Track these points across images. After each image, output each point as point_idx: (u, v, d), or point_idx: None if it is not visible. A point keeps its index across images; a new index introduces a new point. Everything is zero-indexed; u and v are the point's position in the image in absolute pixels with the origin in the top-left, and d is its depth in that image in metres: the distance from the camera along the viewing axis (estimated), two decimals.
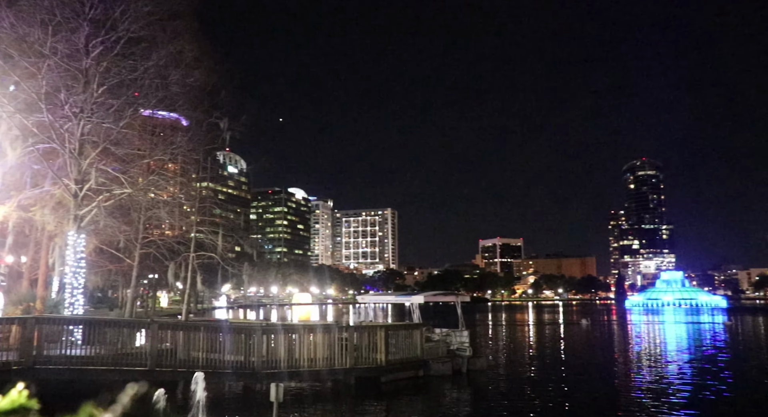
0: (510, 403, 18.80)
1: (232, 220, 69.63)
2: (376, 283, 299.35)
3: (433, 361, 23.57)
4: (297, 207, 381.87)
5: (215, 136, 31.51)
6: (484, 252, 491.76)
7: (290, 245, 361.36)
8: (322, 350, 20.62)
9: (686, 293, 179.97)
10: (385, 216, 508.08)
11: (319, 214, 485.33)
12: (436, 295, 30.75)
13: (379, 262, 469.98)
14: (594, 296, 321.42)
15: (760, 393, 20.98)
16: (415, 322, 26.20)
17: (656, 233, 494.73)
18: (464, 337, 25.86)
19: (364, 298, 33.50)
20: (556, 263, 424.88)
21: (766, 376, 25.36)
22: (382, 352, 21.56)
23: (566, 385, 22.69)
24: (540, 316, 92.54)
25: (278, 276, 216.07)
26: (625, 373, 26.09)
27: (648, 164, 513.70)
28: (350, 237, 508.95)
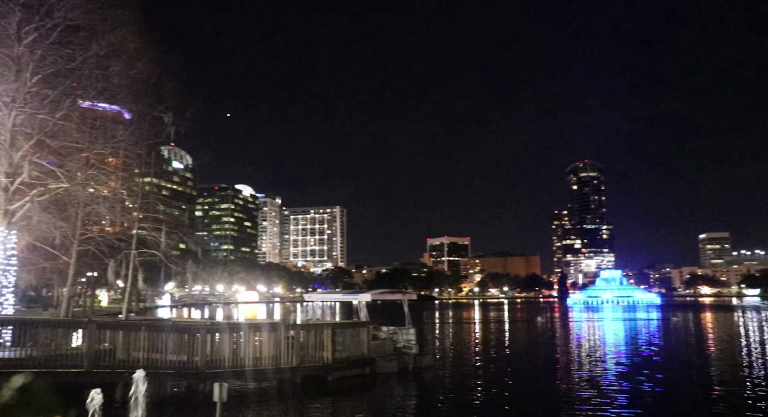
0: (455, 398, 19.10)
1: (177, 217, 67.89)
2: (325, 282, 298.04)
3: (379, 359, 23.66)
4: (244, 204, 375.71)
5: (159, 131, 30.58)
6: (432, 250, 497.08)
7: (237, 243, 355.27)
8: (268, 349, 20.40)
9: (624, 291, 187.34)
10: (334, 214, 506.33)
11: (267, 212, 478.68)
12: (384, 294, 30.87)
13: (328, 261, 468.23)
14: (538, 294, 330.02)
15: (688, 385, 22.03)
16: (362, 321, 26.22)
17: (597, 233, 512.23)
18: (411, 335, 26.08)
19: (312, 297, 33.38)
20: (502, 262, 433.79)
21: (695, 369, 26.64)
22: (329, 351, 21.50)
23: (510, 381, 23.22)
24: (486, 314, 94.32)
25: (224, 274, 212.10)
26: (567, 368, 26.90)
27: (590, 166, 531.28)
28: (298, 235, 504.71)
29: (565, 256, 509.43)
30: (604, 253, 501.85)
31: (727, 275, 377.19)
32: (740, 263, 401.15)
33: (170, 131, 30.94)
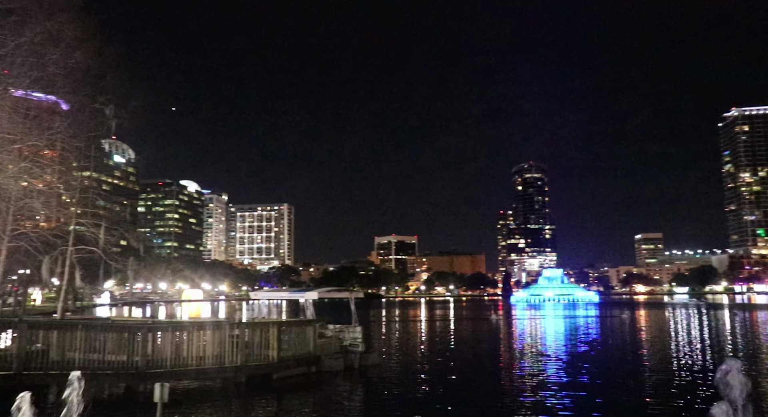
0: (400, 396, 19.28)
1: (118, 213, 65.60)
2: (271, 280, 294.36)
3: (325, 357, 23.63)
4: (189, 200, 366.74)
5: (100, 123, 29.46)
6: (379, 249, 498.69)
7: (181, 240, 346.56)
8: (212, 348, 20.05)
9: (565, 289, 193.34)
10: (282, 211, 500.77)
11: (213, 208, 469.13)
12: (330, 292, 30.82)
13: (275, 258, 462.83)
14: (483, 292, 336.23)
15: (622, 375, 23.00)
16: (308, 319, 26.11)
17: (540, 233, 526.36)
18: (357, 333, 26.14)
19: (258, 295, 33.03)
20: (448, 260, 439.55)
21: (628, 361, 27.81)
22: (274, 349, 21.32)
23: (455, 377, 23.64)
24: (432, 312, 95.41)
25: (168, 272, 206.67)
26: (510, 363, 27.59)
27: (534, 167, 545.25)
28: (245, 232, 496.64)
29: (509, 255, 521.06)
30: (546, 253, 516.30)
31: (659, 274, 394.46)
32: (672, 262, 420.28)
33: (111, 124, 29.86)
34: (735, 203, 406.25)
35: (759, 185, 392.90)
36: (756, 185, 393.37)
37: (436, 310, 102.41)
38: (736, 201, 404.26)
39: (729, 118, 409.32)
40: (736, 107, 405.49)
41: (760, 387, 19.91)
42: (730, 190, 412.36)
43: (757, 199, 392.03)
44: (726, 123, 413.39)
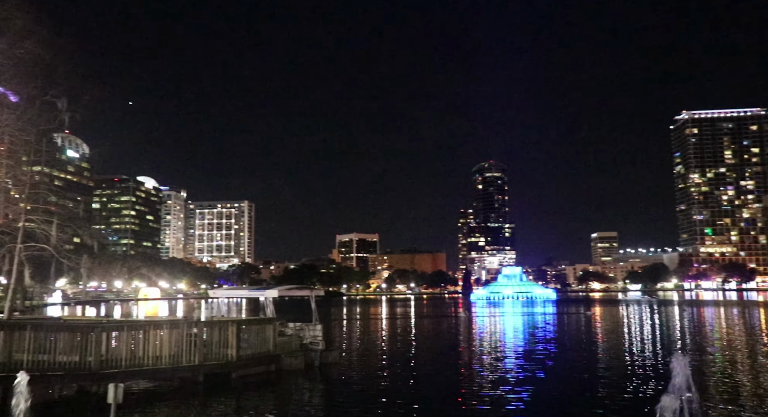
0: (360, 393, 19.30)
1: (71, 209, 63.36)
2: (231, 278, 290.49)
3: (285, 356, 23.49)
4: (146, 197, 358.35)
5: (52, 117, 28.47)
6: (340, 247, 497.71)
7: (138, 237, 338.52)
8: (169, 347, 19.68)
9: (523, 287, 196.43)
10: (242, 209, 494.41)
11: (171, 205, 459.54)
12: (291, 290, 30.58)
13: (235, 256, 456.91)
14: (443, 290, 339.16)
15: (577, 368, 23.59)
16: (268, 317, 25.90)
17: (500, 231, 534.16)
18: (317, 331, 26.06)
19: (216, 293, 32.42)
20: (409, 258, 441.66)
21: (584, 355, 28.53)
22: (234, 348, 21.08)
23: (415, 373, 23.81)
24: (393, 310, 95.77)
25: (124, 269, 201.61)
26: (469, 359, 27.94)
27: (495, 166, 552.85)
28: (204, 229, 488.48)
29: (469, 253, 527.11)
30: (506, 251, 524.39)
31: (614, 271, 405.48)
32: (626, 260, 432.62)
33: (64, 118, 28.87)
34: (685, 203, 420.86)
35: (707, 186, 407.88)
36: (704, 186, 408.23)
37: (397, 308, 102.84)
38: (686, 201, 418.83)
39: (680, 122, 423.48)
40: (686, 111, 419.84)
41: (705, 380, 20.70)
42: (680, 190, 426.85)
43: (705, 200, 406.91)
44: (677, 126, 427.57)
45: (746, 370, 23.68)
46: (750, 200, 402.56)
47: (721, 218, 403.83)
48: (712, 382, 20.38)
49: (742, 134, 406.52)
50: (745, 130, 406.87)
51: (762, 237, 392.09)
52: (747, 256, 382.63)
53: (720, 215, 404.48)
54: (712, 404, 16.40)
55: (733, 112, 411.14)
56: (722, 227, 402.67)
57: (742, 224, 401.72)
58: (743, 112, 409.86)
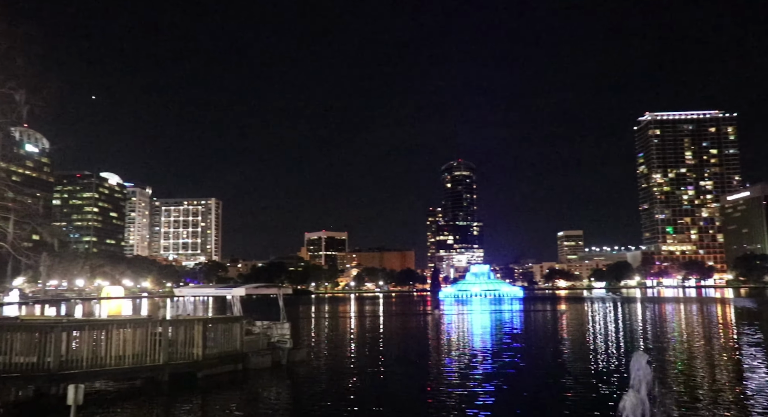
0: (327, 392, 19.22)
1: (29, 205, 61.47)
2: (197, 276, 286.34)
3: (252, 355, 23.27)
4: (110, 193, 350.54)
5: (9, 110, 27.53)
6: (309, 245, 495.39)
7: (101, 234, 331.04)
8: (133, 347, 19.28)
9: (491, 285, 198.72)
10: (209, 206, 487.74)
11: (136, 202, 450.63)
12: (259, 288, 30.27)
13: (201, 254, 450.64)
14: (412, 288, 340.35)
15: (544, 363, 23.96)
16: (235, 316, 25.60)
17: (468, 230, 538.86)
18: (285, 330, 25.89)
19: (182, 291, 31.85)
20: (378, 256, 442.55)
21: (550, 350, 28.99)
22: (200, 347, 20.78)
23: (383, 370, 23.84)
24: (361, 308, 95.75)
25: (86, 268, 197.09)
26: (437, 356, 28.09)
27: (463, 165, 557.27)
28: (170, 227, 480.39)
29: (438, 252, 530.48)
30: (474, 249, 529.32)
31: (580, 269, 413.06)
32: (591, 258, 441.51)
33: (22, 111, 27.95)
34: (647, 202, 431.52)
35: (668, 186, 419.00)
36: (666, 186, 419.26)
37: (366, 306, 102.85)
38: (649, 200, 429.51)
39: (643, 123, 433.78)
40: (649, 112, 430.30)
41: (666, 376, 21.24)
42: (643, 190, 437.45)
43: (666, 199, 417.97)
44: (640, 127, 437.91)
45: (704, 364, 24.38)
46: (709, 200, 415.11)
47: (681, 217, 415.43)
48: (671, 377, 20.91)
49: (702, 136, 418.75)
50: (704, 132, 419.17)
51: (719, 236, 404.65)
52: (705, 254, 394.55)
53: (680, 214, 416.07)
54: (671, 399, 16.82)
55: (693, 114, 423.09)
56: (683, 226, 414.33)
57: (701, 223, 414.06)
58: (702, 115, 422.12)
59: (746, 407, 16.08)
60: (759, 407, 15.96)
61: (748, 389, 18.58)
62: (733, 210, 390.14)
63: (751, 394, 17.70)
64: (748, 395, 17.71)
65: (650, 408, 9.35)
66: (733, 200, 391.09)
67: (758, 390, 18.29)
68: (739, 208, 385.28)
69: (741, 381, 20.48)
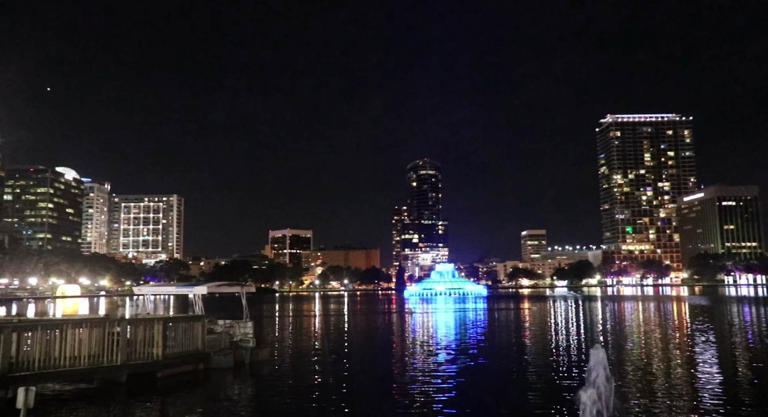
0: (290, 391, 18.94)
1: None
2: (158, 274, 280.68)
3: (214, 354, 22.83)
4: (66, 188, 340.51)
5: None
6: (273, 243, 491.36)
7: (56, 231, 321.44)
8: (88, 347, 18.64)
9: (456, 283, 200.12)
10: (171, 202, 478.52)
11: (94, 198, 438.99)
12: (221, 286, 29.67)
13: (162, 252, 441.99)
14: (377, 287, 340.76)
15: (508, 359, 24.17)
16: (196, 314, 25.06)
17: (433, 228, 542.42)
18: (248, 329, 25.50)
19: (142, 290, 31.01)
20: (343, 255, 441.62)
21: (513, 346, 29.29)
22: (160, 347, 20.25)
23: (347, 368, 23.67)
24: (326, 307, 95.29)
25: (39, 265, 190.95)
26: (401, 356, 28.02)
27: (429, 164, 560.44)
28: (130, 224, 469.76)
29: (403, 250, 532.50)
30: (439, 248, 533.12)
31: (543, 268, 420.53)
32: (554, 258, 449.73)
33: None
34: (608, 203, 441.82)
35: (628, 187, 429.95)
36: (626, 187, 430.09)
37: (331, 305, 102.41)
38: (609, 201, 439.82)
39: (604, 124, 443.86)
40: (610, 114, 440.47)
41: (622, 370, 21.64)
42: (604, 190, 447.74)
43: (626, 200, 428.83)
44: (602, 128, 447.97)
45: (660, 360, 24.96)
46: (666, 201, 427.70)
47: (640, 217, 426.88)
48: (628, 372, 21.32)
49: (660, 138, 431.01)
50: (662, 135, 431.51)
51: (676, 235, 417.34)
52: (663, 254, 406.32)
53: (639, 215, 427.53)
54: (628, 393, 17.14)
55: (652, 117, 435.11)
56: (641, 226, 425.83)
57: (659, 223, 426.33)
58: (661, 118, 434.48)
59: (697, 396, 16.73)
60: (708, 395, 16.67)
61: (699, 381, 19.31)
62: (689, 211, 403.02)
63: (703, 385, 18.46)
64: (699, 385, 18.46)
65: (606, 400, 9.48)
66: (689, 201, 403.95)
67: (707, 381, 18.99)
68: (694, 208, 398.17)
69: (692, 373, 21.19)
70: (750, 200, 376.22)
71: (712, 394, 17.26)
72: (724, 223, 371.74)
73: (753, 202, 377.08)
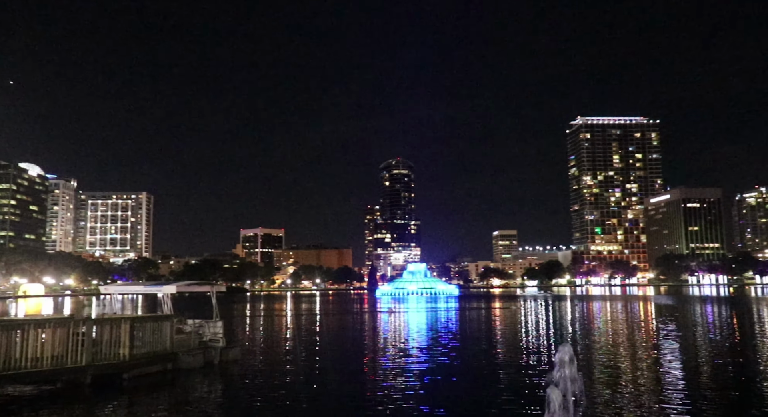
0: (260, 391, 18.73)
1: None
2: (126, 273, 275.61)
3: (183, 354, 22.47)
4: (30, 185, 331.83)
5: None
6: (245, 241, 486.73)
7: (19, 229, 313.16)
8: (52, 348, 18.15)
9: (428, 283, 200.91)
10: (140, 200, 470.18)
11: (60, 195, 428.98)
12: (190, 285, 29.20)
13: (131, 250, 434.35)
14: (349, 286, 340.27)
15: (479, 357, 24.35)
16: (165, 314, 24.63)
17: (406, 228, 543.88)
18: (218, 328, 25.19)
19: (109, 289, 30.34)
20: (315, 254, 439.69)
21: (484, 345, 29.51)
22: (126, 347, 19.84)
23: (318, 367, 23.57)
24: (297, 306, 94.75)
25: (0, 264, 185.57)
26: (373, 356, 27.99)
27: (402, 164, 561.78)
28: (97, 222, 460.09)
29: (376, 250, 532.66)
30: (411, 247, 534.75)
31: (514, 268, 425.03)
32: (524, 257, 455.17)
33: None
34: (578, 203, 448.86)
35: (598, 188, 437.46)
36: (595, 188, 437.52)
37: (302, 304, 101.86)
38: (579, 201, 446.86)
39: (575, 126, 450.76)
40: (581, 116, 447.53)
41: (590, 368, 21.99)
42: (574, 191, 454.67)
43: (595, 201, 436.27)
44: (572, 130, 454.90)
45: (626, 357, 25.42)
46: (634, 202, 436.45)
47: (609, 218, 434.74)
48: (596, 370, 21.66)
49: (628, 141, 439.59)
50: (630, 137, 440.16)
51: (643, 236, 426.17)
52: (630, 254, 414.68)
53: (608, 216, 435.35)
54: (595, 390, 17.41)
55: (621, 119, 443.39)
56: (610, 227, 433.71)
57: (626, 224, 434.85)
58: (629, 121, 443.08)
59: (661, 391, 17.12)
60: (671, 388, 17.11)
61: (664, 376, 19.81)
62: (655, 212, 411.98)
63: (667, 381, 18.96)
64: (663, 380, 19.00)
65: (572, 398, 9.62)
66: (655, 203, 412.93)
67: (671, 376, 19.51)
68: (660, 210, 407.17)
69: (657, 369, 21.72)
70: (713, 202, 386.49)
71: (675, 388, 17.88)
72: (689, 224, 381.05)
73: (716, 204, 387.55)
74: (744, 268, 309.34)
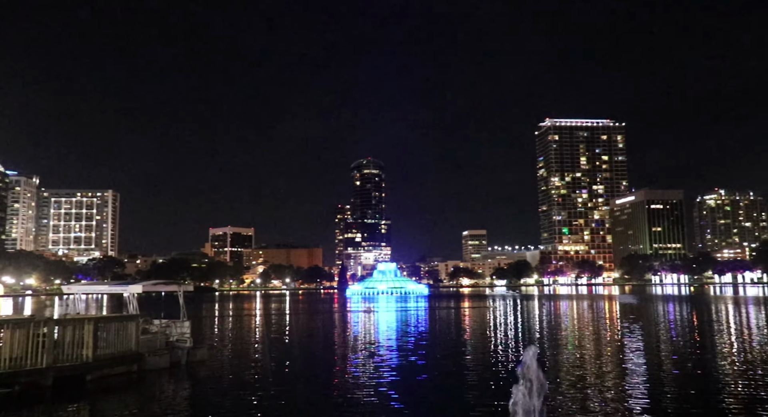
0: (227, 391, 18.54)
1: None
2: (91, 272, 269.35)
3: (149, 355, 22.11)
4: None
5: None
6: (214, 240, 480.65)
7: None
8: (10, 349, 17.66)
9: (398, 282, 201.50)
10: (105, 198, 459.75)
11: (20, 192, 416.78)
12: (157, 285, 28.76)
13: (96, 249, 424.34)
14: (319, 285, 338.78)
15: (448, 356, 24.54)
16: (130, 314, 24.19)
17: (376, 228, 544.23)
18: (185, 328, 24.85)
19: (72, 289, 29.66)
20: (285, 253, 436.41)
21: (452, 345, 29.74)
22: (89, 348, 19.42)
23: (287, 367, 23.41)
24: (267, 306, 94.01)
25: None
26: (343, 355, 27.96)
27: (373, 163, 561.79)
28: (60, 220, 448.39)
29: (346, 249, 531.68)
30: (382, 247, 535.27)
31: (483, 268, 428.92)
32: (493, 257, 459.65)
33: None
34: (546, 204, 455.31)
35: (565, 189, 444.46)
36: (563, 189, 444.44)
37: (272, 304, 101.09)
38: (547, 202, 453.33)
39: (543, 128, 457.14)
40: (549, 118, 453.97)
41: (556, 367, 22.36)
42: (543, 192, 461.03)
43: (563, 201, 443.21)
44: (541, 132, 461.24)
45: (592, 357, 25.92)
46: (600, 203, 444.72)
47: (576, 219, 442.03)
48: (562, 369, 22.02)
49: (595, 143, 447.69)
50: (597, 139, 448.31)
51: (609, 237, 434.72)
52: (596, 254, 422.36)
53: (575, 216, 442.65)
54: (560, 391, 17.72)
55: (588, 122, 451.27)
56: (577, 227, 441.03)
57: (593, 225, 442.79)
58: (596, 123, 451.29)
59: (625, 389, 17.50)
60: (634, 383, 17.49)
61: (627, 374, 20.23)
62: (621, 213, 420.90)
63: (630, 379, 19.29)
64: (627, 380, 19.29)
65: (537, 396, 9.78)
66: (621, 204, 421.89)
67: (634, 372, 19.89)
68: (625, 211, 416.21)
69: (621, 367, 22.18)
70: (675, 204, 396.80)
71: (637, 383, 18.44)
72: (653, 225, 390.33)
73: (678, 205, 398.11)
74: (704, 268, 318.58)
